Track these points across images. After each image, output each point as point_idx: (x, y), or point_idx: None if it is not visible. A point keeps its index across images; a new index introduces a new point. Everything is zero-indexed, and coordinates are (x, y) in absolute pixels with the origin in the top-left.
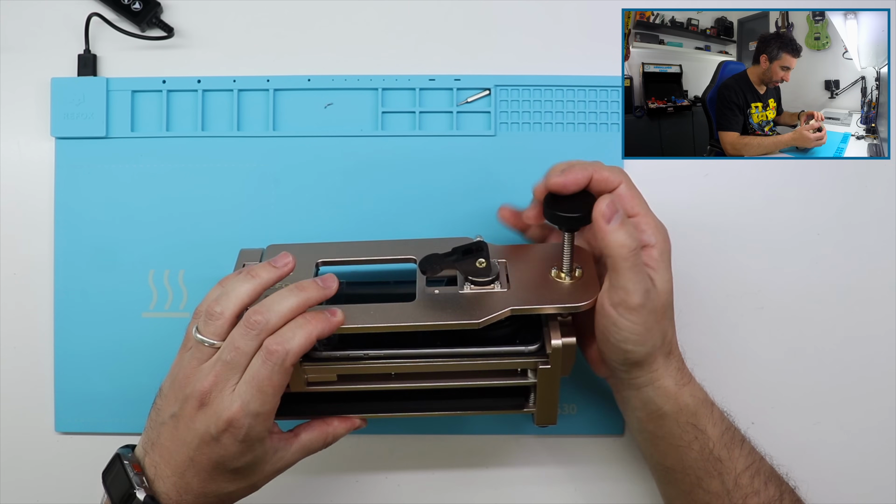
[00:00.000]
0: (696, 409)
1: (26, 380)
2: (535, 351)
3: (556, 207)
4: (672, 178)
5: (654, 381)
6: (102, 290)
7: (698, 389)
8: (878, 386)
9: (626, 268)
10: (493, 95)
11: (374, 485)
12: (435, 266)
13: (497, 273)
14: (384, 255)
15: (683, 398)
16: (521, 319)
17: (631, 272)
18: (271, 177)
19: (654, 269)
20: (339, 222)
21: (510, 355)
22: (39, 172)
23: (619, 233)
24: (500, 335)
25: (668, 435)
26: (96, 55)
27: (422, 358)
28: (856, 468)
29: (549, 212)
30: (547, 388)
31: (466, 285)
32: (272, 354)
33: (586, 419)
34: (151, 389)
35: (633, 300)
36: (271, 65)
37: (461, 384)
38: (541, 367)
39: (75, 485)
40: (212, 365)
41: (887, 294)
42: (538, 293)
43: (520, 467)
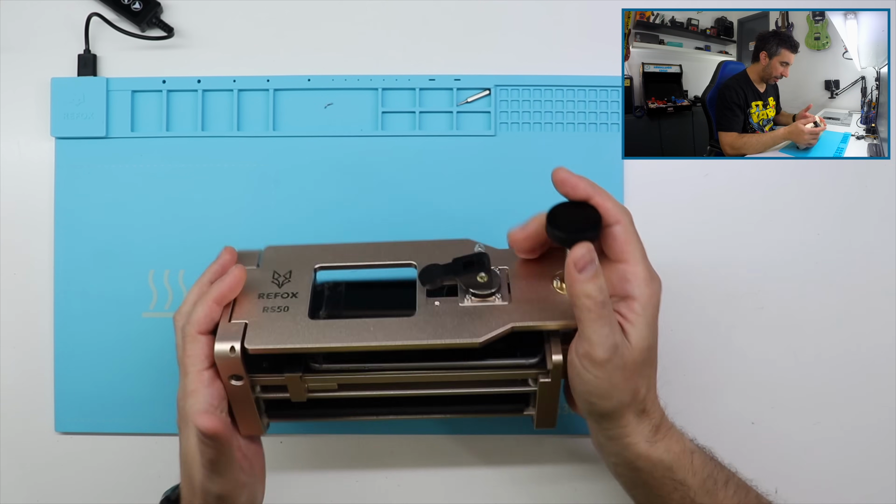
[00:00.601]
0: (672, 463)
1: (26, 380)
2: (535, 364)
3: (555, 223)
4: (672, 178)
5: (624, 437)
6: (102, 290)
7: (675, 441)
8: (878, 386)
9: (590, 319)
10: (493, 95)
11: (374, 485)
12: (435, 279)
13: (498, 285)
14: (383, 259)
15: (657, 454)
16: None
17: (596, 324)
18: (271, 177)
19: (632, 323)
20: (339, 222)
21: (510, 368)
22: (39, 172)
23: (588, 284)
24: (499, 346)
25: (644, 484)
26: (96, 55)
27: (421, 370)
28: (856, 468)
29: (549, 228)
30: (547, 397)
31: (467, 297)
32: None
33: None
34: (151, 389)
35: (597, 354)
36: (271, 65)
37: (460, 392)
38: (541, 380)
39: (75, 485)
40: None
41: (887, 294)
42: (540, 307)
43: (520, 467)
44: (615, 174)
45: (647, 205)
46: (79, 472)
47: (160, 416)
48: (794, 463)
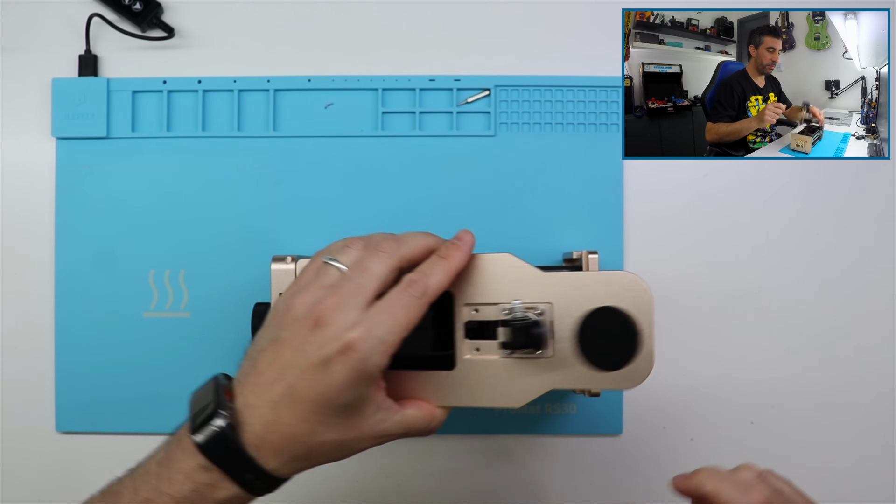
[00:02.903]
0: None
1: (26, 380)
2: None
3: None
4: (672, 178)
5: None
6: (102, 290)
7: None
8: (877, 386)
9: None
10: (493, 95)
11: (375, 485)
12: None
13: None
14: None
15: None
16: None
17: None
18: (271, 177)
19: None
20: (340, 222)
21: None
22: (40, 173)
23: None
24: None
25: None
26: (97, 55)
27: None
28: (856, 468)
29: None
30: None
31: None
32: (413, 284)
33: (586, 419)
34: (152, 389)
35: None
36: (271, 65)
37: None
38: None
39: (75, 485)
40: (334, 286)
41: (887, 294)
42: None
43: (520, 467)
44: (615, 174)
45: (647, 205)
46: (79, 472)
47: (160, 416)
48: (794, 463)
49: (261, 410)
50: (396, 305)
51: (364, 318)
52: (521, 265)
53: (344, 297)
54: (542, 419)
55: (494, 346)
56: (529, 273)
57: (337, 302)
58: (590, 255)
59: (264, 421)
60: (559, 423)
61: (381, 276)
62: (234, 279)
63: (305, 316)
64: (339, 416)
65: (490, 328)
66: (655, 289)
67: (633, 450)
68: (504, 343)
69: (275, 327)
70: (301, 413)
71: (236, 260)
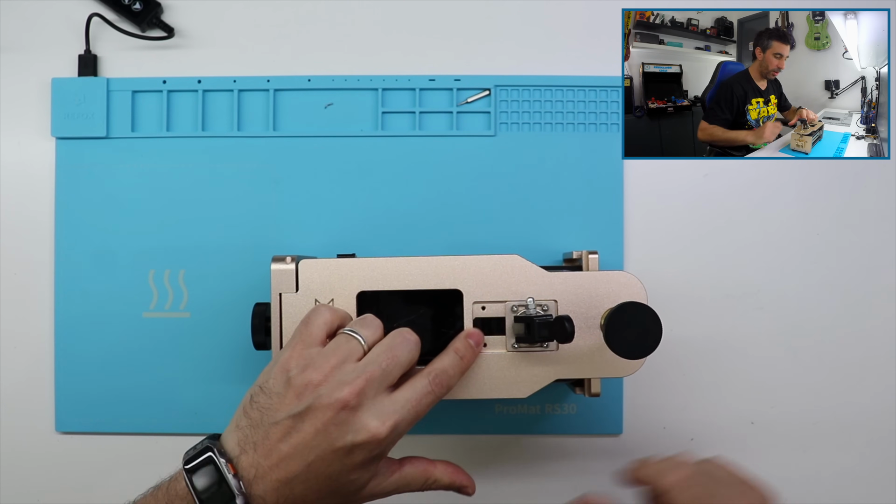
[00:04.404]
0: None
1: (26, 380)
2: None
3: (613, 336)
4: (672, 178)
5: None
6: (102, 290)
7: None
8: (878, 386)
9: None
10: (493, 95)
11: None
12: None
13: (571, 332)
14: (427, 280)
15: None
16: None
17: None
18: (271, 177)
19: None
20: (339, 222)
21: None
22: (40, 172)
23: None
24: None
25: None
26: (97, 55)
27: None
28: (856, 468)
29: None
30: None
31: (517, 343)
32: (437, 380)
33: (586, 419)
34: (151, 389)
35: None
36: (271, 65)
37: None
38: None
39: (75, 485)
40: (360, 369)
41: (887, 294)
42: (584, 354)
43: (520, 467)
44: (615, 174)
45: (647, 204)
46: (79, 472)
47: (160, 416)
48: (794, 463)
49: (274, 484)
50: (423, 402)
51: (391, 411)
52: (527, 265)
53: (370, 384)
54: (542, 419)
55: (501, 340)
56: (535, 273)
57: (362, 389)
58: (590, 256)
59: (277, 493)
60: (559, 423)
61: (405, 365)
62: (234, 279)
63: (332, 400)
64: (346, 487)
65: (496, 324)
66: (656, 288)
67: (633, 450)
68: (537, 337)
69: (291, 399)
70: (314, 487)
71: (236, 260)
